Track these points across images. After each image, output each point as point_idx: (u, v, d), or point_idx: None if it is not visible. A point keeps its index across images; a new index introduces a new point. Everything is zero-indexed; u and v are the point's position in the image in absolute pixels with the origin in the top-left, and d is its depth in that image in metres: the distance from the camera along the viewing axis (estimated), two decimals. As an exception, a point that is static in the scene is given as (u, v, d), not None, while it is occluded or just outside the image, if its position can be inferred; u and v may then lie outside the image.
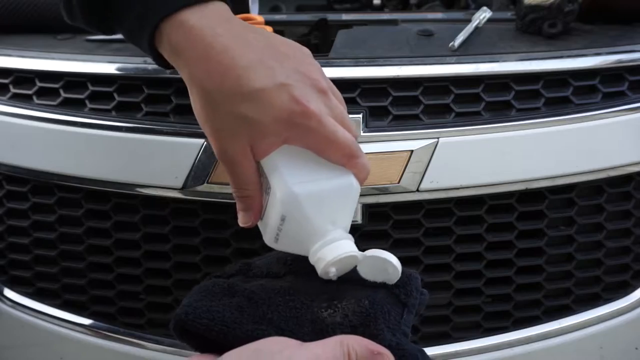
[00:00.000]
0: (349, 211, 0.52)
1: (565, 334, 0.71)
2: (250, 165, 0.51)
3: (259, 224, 0.54)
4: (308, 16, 0.90)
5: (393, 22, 0.87)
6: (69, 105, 0.71)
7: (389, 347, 0.46)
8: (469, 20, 0.77)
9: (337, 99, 0.52)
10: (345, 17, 0.90)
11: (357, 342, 0.44)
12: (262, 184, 0.52)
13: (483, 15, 0.78)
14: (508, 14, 0.87)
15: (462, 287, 0.69)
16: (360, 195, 0.64)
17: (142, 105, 0.68)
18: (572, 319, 0.72)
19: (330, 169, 0.50)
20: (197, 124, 0.61)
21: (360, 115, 0.65)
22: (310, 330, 0.48)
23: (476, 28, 0.75)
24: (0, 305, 0.76)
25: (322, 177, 0.50)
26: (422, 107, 0.66)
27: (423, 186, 0.65)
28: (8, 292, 0.77)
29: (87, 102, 0.70)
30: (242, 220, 0.54)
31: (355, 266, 0.51)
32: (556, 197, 0.69)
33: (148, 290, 0.71)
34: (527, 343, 0.71)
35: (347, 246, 0.49)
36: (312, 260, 0.50)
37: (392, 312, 0.49)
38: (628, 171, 0.70)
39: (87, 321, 0.74)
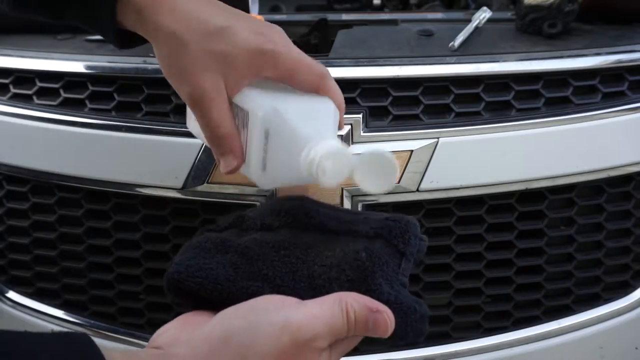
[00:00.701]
0: (332, 131, 0.51)
1: (565, 334, 0.71)
2: (224, 100, 0.50)
3: (243, 169, 0.52)
4: (308, 16, 0.90)
5: (393, 22, 0.87)
6: (69, 105, 0.71)
7: (386, 301, 0.45)
8: (469, 20, 0.77)
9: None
10: (345, 17, 0.90)
11: (355, 300, 0.44)
12: (237, 125, 0.51)
13: (483, 15, 0.78)
14: (508, 14, 0.87)
15: (462, 287, 0.69)
16: (360, 195, 0.65)
17: (142, 105, 0.68)
18: (572, 319, 0.72)
19: (307, 95, 0.51)
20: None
21: (360, 115, 0.65)
22: (307, 286, 0.47)
23: (476, 28, 0.76)
24: (1, 305, 0.76)
25: (300, 99, 0.50)
26: (422, 107, 0.66)
27: (423, 186, 0.65)
28: (8, 292, 0.77)
29: (87, 102, 0.70)
30: (224, 165, 0.51)
31: (352, 216, 0.50)
32: (556, 197, 0.69)
33: (148, 290, 0.71)
34: (527, 343, 0.71)
35: (337, 143, 0.47)
36: (304, 167, 0.47)
37: (390, 262, 0.48)
38: (628, 171, 0.70)
39: (87, 321, 0.74)
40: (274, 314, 0.42)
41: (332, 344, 0.43)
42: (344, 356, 0.66)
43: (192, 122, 0.56)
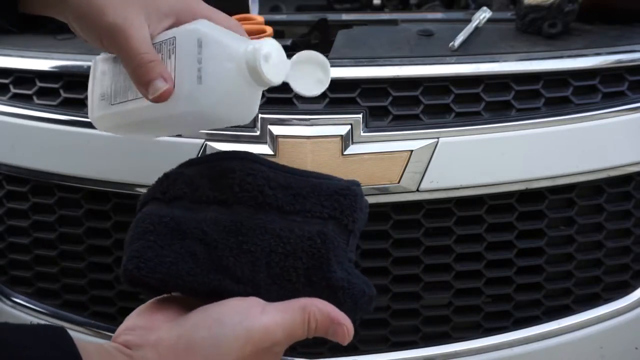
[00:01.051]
0: None
1: (565, 334, 0.71)
2: (146, 31, 0.49)
3: (172, 101, 0.49)
4: (308, 16, 0.90)
5: (393, 22, 0.87)
6: (69, 105, 0.71)
7: (341, 288, 0.48)
8: (469, 20, 0.77)
9: None
10: (345, 17, 0.90)
11: (319, 309, 0.46)
12: (161, 56, 0.50)
13: (483, 15, 0.78)
14: (508, 14, 0.87)
15: (462, 287, 0.69)
16: (360, 195, 0.65)
17: (142, 105, 0.68)
18: (572, 319, 0.72)
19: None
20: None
21: (360, 115, 0.65)
22: (266, 276, 0.48)
23: (476, 28, 0.75)
24: (1, 305, 0.76)
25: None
26: (422, 107, 0.66)
27: (423, 186, 0.65)
28: (8, 292, 0.76)
29: (87, 102, 0.70)
30: (153, 91, 0.47)
31: (302, 198, 0.51)
32: (556, 197, 0.69)
33: (148, 290, 0.71)
34: (527, 343, 0.71)
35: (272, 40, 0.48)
36: (245, 61, 0.47)
37: (341, 243, 0.50)
38: (628, 171, 0.70)
39: (87, 321, 0.74)
40: (238, 328, 0.44)
41: None
42: (344, 356, 0.67)
43: (100, 108, 0.55)
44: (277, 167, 0.54)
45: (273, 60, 0.47)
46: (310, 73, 0.49)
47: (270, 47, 0.47)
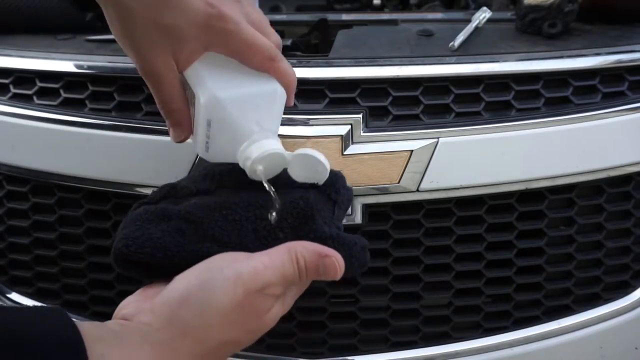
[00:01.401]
0: (276, 117, 0.53)
1: (565, 334, 0.71)
2: (174, 77, 0.51)
3: (192, 139, 0.54)
4: (308, 16, 0.90)
5: (393, 22, 0.87)
6: (69, 105, 0.71)
7: (329, 237, 0.49)
8: (469, 20, 0.77)
9: (253, 10, 0.53)
10: (345, 17, 0.90)
11: (304, 248, 0.46)
12: (188, 98, 0.52)
13: (483, 15, 0.78)
14: (508, 14, 0.87)
15: (462, 287, 0.69)
16: (360, 195, 0.65)
17: (142, 105, 0.68)
18: (572, 319, 0.72)
19: (254, 76, 0.52)
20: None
21: (360, 115, 0.65)
22: (254, 238, 0.49)
23: (476, 28, 0.76)
24: (1, 305, 0.76)
25: (245, 83, 0.51)
26: (422, 107, 0.66)
27: (423, 186, 0.65)
28: (9, 292, 0.77)
29: (87, 102, 0.70)
30: (174, 136, 0.55)
31: (285, 171, 0.52)
32: (556, 197, 0.69)
33: (148, 290, 0.71)
34: (527, 343, 0.71)
35: (273, 144, 0.50)
36: (240, 161, 0.50)
37: (325, 209, 0.51)
38: (628, 171, 0.70)
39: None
40: (226, 270, 0.44)
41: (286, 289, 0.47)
42: (345, 355, 0.67)
43: None
44: None
45: (263, 170, 0.49)
46: (310, 165, 0.51)
47: (261, 161, 0.49)
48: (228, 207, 0.50)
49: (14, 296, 0.76)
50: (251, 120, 0.50)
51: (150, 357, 0.42)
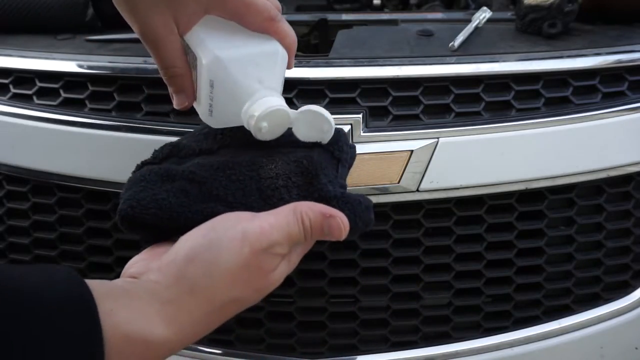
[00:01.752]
0: (279, 77, 0.53)
1: (565, 334, 0.71)
2: (175, 39, 0.51)
3: (195, 105, 0.54)
4: (308, 16, 0.90)
5: (393, 22, 0.87)
6: (69, 105, 0.71)
7: (334, 197, 0.49)
8: (469, 20, 0.77)
9: None
10: (345, 17, 0.90)
11: (309, 208, 0.46)
12: (190, 62, 0.52)
13: (483, 15, 0.78)
14: (508, 14, 0.87)
15: (462, 287, 0.69)
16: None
17: (142, 105, 0.68)
18: (572, 319, 0.72)
19: (256, 37, 0.51)
20: (197, 124, 0.61)
21: (360, 115, 0.65)
22: (258, 198, 0.49)
23: (476, 28, 0.76)
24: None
25: (247, 44, 0.51)
26: (422, 107, 0.66)
27: (423, 186, 0.65)
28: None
29: (87, 102, 0.70)
30: (177, 103, 0.54)
31: (289, 130, 0.52)
32: (556, 197, 0.69)
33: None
34: (527, 343, 0.71)
35: (275, 101, 0.50)
36: (245, 121, 0.50)
37: (329, 167, 0.51)
38: (628, 171, 0.70)
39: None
40: (232, 230, 0.44)
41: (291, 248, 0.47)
42: (345, 355, 0.67)
43: None
44: None
45: (267, 127, 0.49)
46: (315, 124, 0.51)
47: (264, 118, 0.49)
48: (231, 166, 0.50)
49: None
50: (254, 79, 0.50)
51: (159, 314, 0.42)
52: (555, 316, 0.72)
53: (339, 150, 0.53)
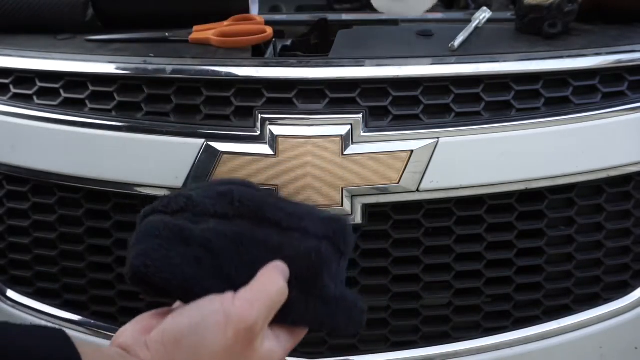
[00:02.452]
0: None
1: (565, 333, 0.71)
2: None
3: None
4: (308, 16, 0.90)
5: (393, 22, 0.88)
6: (69, 105, 0.70)
7: (333, 299, 0.52)
8: (469, 21, 0.77)
9: None
10: (345, 17, 0.90)
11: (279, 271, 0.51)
12: None
13: (483, 15, 0.78)
14: (508, 14, 0.87)
15: (462, 287, 0.69)
16: (360, 195, 0.65)
17: (142, 105, 0.68)
18: (571, 318, 0.72)
19: None
20: (197, 124, 0.61)
21: (360, 115, 0.65)
22: None
23: (476, 28, 0.76)
24: (1, 305, 0.76)
25: None
26: (422, 107, 0.66)
27: (423, 186, 0.65)
28: (9, 292, 0.77)
29: (87, 102, 0.70)
30: None
31: (304, 210, 0.56)
32: (556, 197, 0.69)
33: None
34: (527, 343, 0.71)
35: None
36: None
37: (333, 262, 0.54)
38: (628, 171, 0.70)
39: (87, 321, 0.74)
40: (216, 314, 0.46)
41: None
42: (345, 355, 0.67)
43: None
44: (272, 194, 0.59)
45: None
46: None
47: None
48: (245, 243, 0.52)
49: (14, 295, 0.76)
50: None
51: None
52: (555, 316, 0.72)
53: (345, 244, 0.55)
